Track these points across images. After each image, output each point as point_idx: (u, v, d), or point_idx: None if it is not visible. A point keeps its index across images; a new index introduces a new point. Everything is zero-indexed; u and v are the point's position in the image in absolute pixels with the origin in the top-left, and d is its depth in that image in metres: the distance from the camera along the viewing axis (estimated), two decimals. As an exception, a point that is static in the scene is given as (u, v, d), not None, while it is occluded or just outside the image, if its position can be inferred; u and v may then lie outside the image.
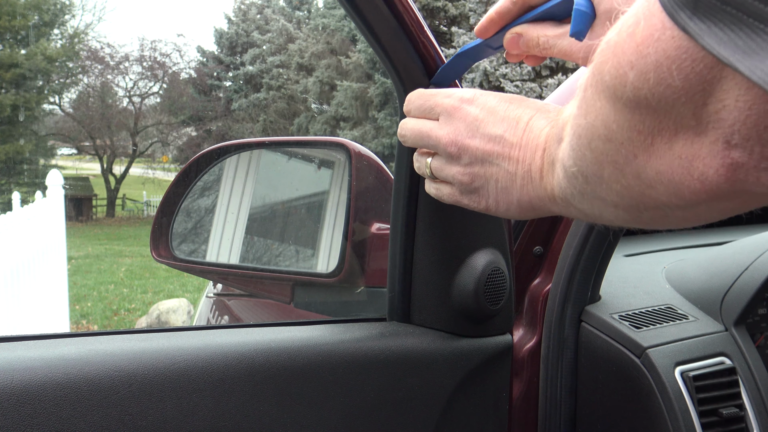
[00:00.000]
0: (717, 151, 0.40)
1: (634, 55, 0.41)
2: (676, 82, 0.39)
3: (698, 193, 0.42)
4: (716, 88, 0.38)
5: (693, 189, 0.42)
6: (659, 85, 0.40)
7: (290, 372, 0.82)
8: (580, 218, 0.66)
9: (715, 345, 0.99)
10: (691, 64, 0.38)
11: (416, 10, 0.82)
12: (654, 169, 0.44)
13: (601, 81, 0.45)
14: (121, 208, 30.92)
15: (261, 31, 29.82)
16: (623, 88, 0.42)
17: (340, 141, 1.32)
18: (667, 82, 0.39)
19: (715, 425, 0.92)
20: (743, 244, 1.21)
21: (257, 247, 1.58)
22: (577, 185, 0.55)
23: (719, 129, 0.39)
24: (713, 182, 0.41)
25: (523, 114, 0.69)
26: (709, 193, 0.42)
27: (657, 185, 0.45)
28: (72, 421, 0.69)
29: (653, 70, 0.40)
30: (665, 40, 0.39)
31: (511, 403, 1.00)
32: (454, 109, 0.73)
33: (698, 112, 0.39)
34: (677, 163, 0.42)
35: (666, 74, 0.39)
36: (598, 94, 0.46)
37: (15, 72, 23.28)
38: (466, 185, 0.74)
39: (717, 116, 0.39)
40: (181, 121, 30.77)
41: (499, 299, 0.95)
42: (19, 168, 24.96)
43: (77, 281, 10.64)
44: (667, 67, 0.39)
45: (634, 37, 0.41)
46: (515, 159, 0.68)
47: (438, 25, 19.92)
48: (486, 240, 0.94)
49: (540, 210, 0.68)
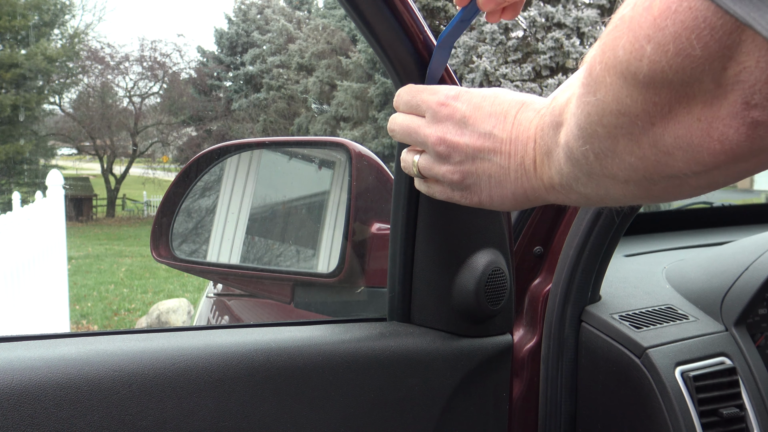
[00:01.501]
0: (737, 112, 0.41)
1: (651, 29, 0.42)
2: (696, 51, 0.40)
3: (718, 155, 0.43)
4: (736, 52, 0.39)
5: (713, 150, 0.43)
6: (678, 56, 0.41)
7: (290, 372, 0.82)
8: (580, 204, 0.66)
9: (716, 345, 0.99)
10: (710, 32, 0.39)
11: (416, 10, 0.82)
12: (672, 134, 0.45)
13: (613, 57, 0.45)
14: (121, 208, 30.92)
15: (261, 31, 29.82)
16: (639, 62, 0.43)
17: (341, 141, 1.32)
18: (686, 52, 0.40)
19: (716, 425, 0.92)
20: (743, 244, 1.21)
21: (257, 247, 1.58)
22: (584, 166, 0.55)
23: (739, 91, 0.40)
24: (734, 141, 0.42)
25: (511, 107, 0.70)
26: (728, 154, 0.43)
27: (675, 151, 0.46)
28: (72, 421, 0.69)
29: (672, 42, 0.41)
30: (682, 11, 0.40)
31: (511, 403, 1.00)
32: (439, 106, 0.73)
33: (717, 77, 0.40)
34: (696, 126, 0.43)
35: (685, 44, 0.40)
36: (608, 70, 0.46)
37: (15, 72, 23.28)
38: (457, 183, 0.74)
39: (737, 78, 0.40)
40: (181, 121, 30.77)
41: (500, 299, 0.95)
42: (19, 168, 24.95)
43: (77, 281, 10.64)
44: (686, 37, 0.40)
45: (651, 10, 0.42)
46: (507, 153, 0.68)
47: (438, 25, 19.92)
48: (487, 240, 0.94)
49: (535, 200, 0.69)
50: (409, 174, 0.81)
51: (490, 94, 0.72)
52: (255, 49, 29.33)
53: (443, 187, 0.76)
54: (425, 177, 0.78)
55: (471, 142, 0.71)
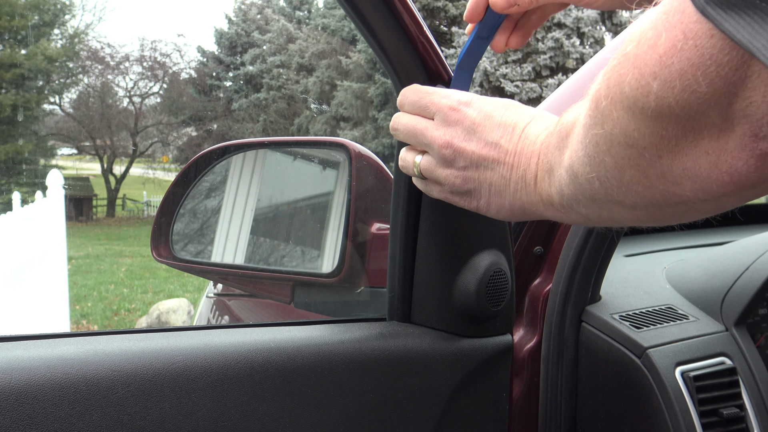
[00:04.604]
0: (745, 144, 0.41)
1: (657, 66, 0.42)
2: (702, 88, 0.40)
3: (726, 185, 0.44)
4: (741, 88, 0.39)
5: (721, 182, 0.44)
6: (684, 92, 0.41)
7: (290, 372, 0.82)
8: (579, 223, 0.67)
9: (716, 345, 0.99)
10: (716, 68, 0.39)
11: (416, 10, 0.82)
12: (680, 166, 0.45)
13: (619, 92, 0.46)
14: (122, 208, 30.92)
15: (261, 31, 29.81)
16: (646, 98, 0.43)
17: (341, 141, 1.32)
18: (692, 89, 0.41)
19: (716, 425, 0.92)
20: (743, 244, 1.21)
21: (257, 248, 1.58)
22: (588, 191, 0.56)
23: (746, 124, 0.41)
24: (743, 173, 0.43)
25: (520, 120, 0.70)
26: (737, 184, 0.44)
27: (683, 181, 0.46)
28: (71, 421, 0.69)
29: (678, 79, 0.41)
30: (688, 49, 0.40)
31: (511, 403, 1.00)
32: (451, 111, 0.73)
33: (724, 111, 0.41)
34: (704, 159, 0.44)
35: (691, 81, 0.40)
36: (614, 105, 0.47)
37: (15, 72, 23.28)
38: (458, 187, 0.74)
39: (744, 113, 0.40)
40: (181, 121, 30.77)
41: (501, 300, 0.94)
42: (19, 168, 24.95)
43: (77, 281, 10.64)
44: (692, 74, 0.40)
45: (656, 48, 0.42)
46: (510, 164, 0.69)
47: (438, 25, 19.92)
48: (489, 241, 0.94)
49: (531, 214, 0.70)
50: (407, 173, 0.81)
51: (502, 105, 0.73)
52: (255, 49, 29.32)
53: (442, 188, 0.77)
54: (425, 178, 0.78)
55: (477, 149, 0.71)
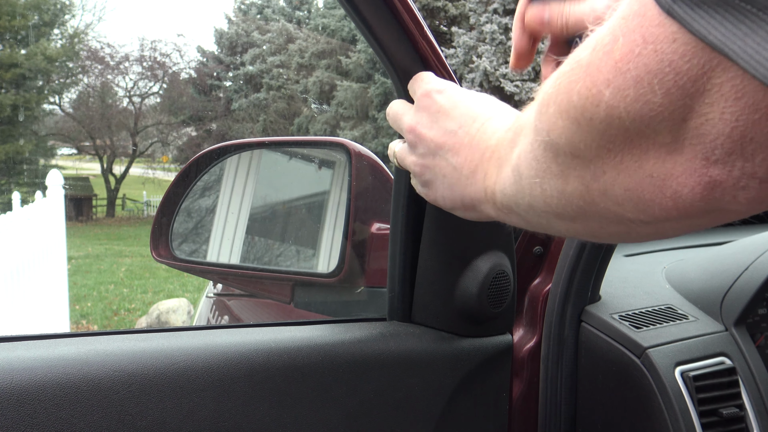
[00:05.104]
0: (694, 169, 0.38)
1: (611, 73, 0.39)
2: (657, 98, 0.37)
3: (669, 211, 0.41)
4: (699, 102, 0.36)
5: (664, 207, 0.41)
6: (637, 101, 0.38)
7: (290, 372, 0.82)
8: (519, 226, 0.62)
9: (715, 345, 0.99)
10: (675, 77, 0.36)
11: (416, 10, 0.82)
12: (622, 186, 0.42)
13: (567, 101, 0.43)
14: (121, 208, 30.93)
15: (261, 31, 29.81)
16: (595, 108, 0.40)
17: (340, 141, 1.32)
18: (646, 98, 0.38)
19: (715, 425, 0.92)
20: (743, 244, 1.21)
21: (257, 247, 1.58)
22: (529, 196, 0.53)
23: (698, 145, 0.37)
24: (687, 201, 0.39)
25: (482, 113, 0.68)
26: (680, 211, 0.41)
27: (625, 203, 0.43)
28: (71, 421, 0.69)
29: (632, 86, 0.38)
30: (647, 54, 0.37)
31: (511, 403, 1.00)
32: (422, 97, 0.73)
33: (676, 128, 0.38)
34: (648, 182, 0.41)
35: (646, 89, 0.37)
36: (560, 113, 0.44)
37: (15, 72, 23.28)
38: (419, 176, 0.73)
39: (697, 131, 0.37)
40: (181, 121, 30.78)
41: (502, 302, 0.95)
42: (19, 168, 24.96)
43: (77, 281, 10.64)
44: (648, 81, 0.37)
45: (612, 54, 0.39)
46: (463, 156, 0.67)
47: (438, 25, 19.93)
48: (493, 242, 0.94)
49: (481, 212, 0.66)
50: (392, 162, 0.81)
51: (473, 96, 0.71)
52: (255, 49, 29.32)
53: (414, 179, 0.76)
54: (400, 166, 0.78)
55: (435, 137, 0.70)
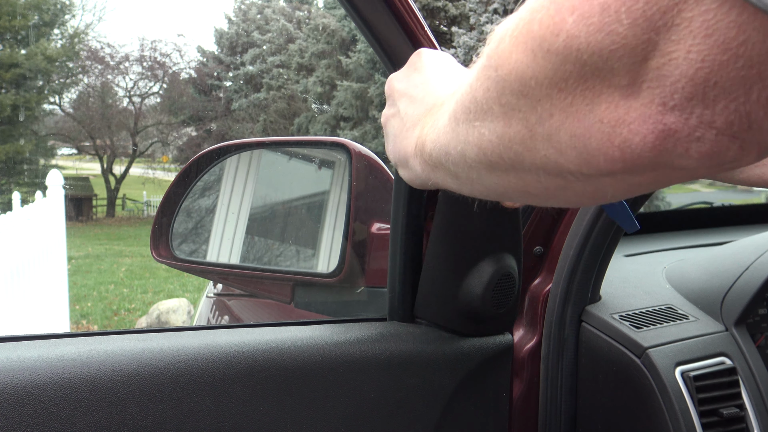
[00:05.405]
0: (649, 115, 0.35)
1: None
2: (621, 28, 0.34)
3: (614, 162, 0.38)
4: (664, 38, 0.33)
5: (610, 157, 0.38)
6: (600, 31, 0.35)
7: (290, 372, 0.82)
8: (441, 185, 0.58)
9: (716, 345, 0.99)
10: (644, 6, 0.33)
11: (416, 10, 0.82)
12: (569, 131, 0.39)
13: (527, 31, 0.39)
14: (121, 208, 30.92)
15: (261, 31, 29.82)
16: (555, 37, 0.37)
17: (341, 141, 1.32)
18: (609, 28, 0.35)
19: (716, 425, 0.92)
20: (743, 244, 1.21)
21: (257, 247, 1.58)
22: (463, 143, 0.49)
23: (657, 88, 0.35)
24: (636, 151, 0.37)
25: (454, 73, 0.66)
26: (626, 163, 0.38)
27: (568, 150, 0.40)
28: (72, 421, 0.69)
29: (598, 13, 0.35)
30: None
31: (511, 403, 1.00)
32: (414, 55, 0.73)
33: (635, 68, 0.35)
34: (597, 128, 0.38)
35: (612, 17, 0.34)
36: (516, 45, 0.40)
37: (15, 72, 23.28)
38: (384, 129, 0.71)
39: (657, 73, 0.34)
40: (181, 121, 30.78)
41: (506, 303, 0.95)
42: (19, 168, 24.96)
43: (77, 281, 10.64)
44: (615, 9, 0.34)
45: None
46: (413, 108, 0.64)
47: (438, 25, 19.93)
48: (501, 243, 0.93)
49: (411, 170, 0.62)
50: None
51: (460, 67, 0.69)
52: (255, 49, 29.33)
53: None
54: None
55: (401, 88, 0.69)
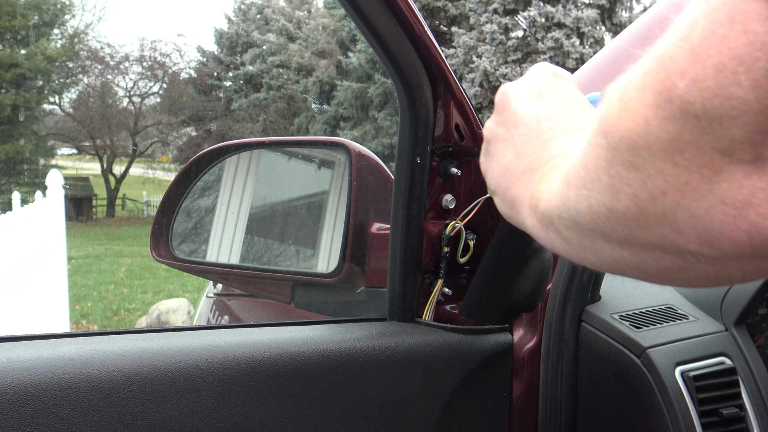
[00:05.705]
0: None
1: (687, 61, 0.32)
2: (741, 92, 0.30)
3: (742, 247, 0.33)
4: None
5: (736, 241, 0.33)
6: (717, 96, 0.31)
7: (290, 372, 0.82)
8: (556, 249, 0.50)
9: (716, 345, 0.99)
10: (766, 64, 0.29)
11: (416, 10, 0.82)
12: (686, 212, 0.34)
13: (637, 98, 0.36)
14: (121, 208, 30.95)
15: (261, 31, 29.82)
16: (669, 104, 0.33)
17: (341, 141, 1.32)
18: (728, 92, 0.30)
19: (716, 425, 0.92)
20: (743, 244, 1.21)
21: (257, 247, 1.58)
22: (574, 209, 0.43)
23: None
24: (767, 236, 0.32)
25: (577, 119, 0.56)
26: (756, 249, 0.33)
27: (687, 230, 0.35)
28: (72, 421, 0.69)
29: (713, 76, 0.31)
30: (733, 36, 0.30)
31: (511, 403, 1.00)
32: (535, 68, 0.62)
33: (760, 139, 0.31)
34: (719, 209, 0.33)
35: (730, 80, 0.30)
36: (626, 111, 0.36)
37: (15, 72, 23.29)
38: (486, 142, 0.62)
39: None
40: (181, 121, 30.79)
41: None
42: (19, 168, 24.97)
43: (77, 281, 10.64)
44: (732, 70, 0.30)
45: (689, 40, 0.32)
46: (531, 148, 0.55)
47: (438, 25, 19.94)
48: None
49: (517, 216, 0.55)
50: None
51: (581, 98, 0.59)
52: (255, 49, 29.33)
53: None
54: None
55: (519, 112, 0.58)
